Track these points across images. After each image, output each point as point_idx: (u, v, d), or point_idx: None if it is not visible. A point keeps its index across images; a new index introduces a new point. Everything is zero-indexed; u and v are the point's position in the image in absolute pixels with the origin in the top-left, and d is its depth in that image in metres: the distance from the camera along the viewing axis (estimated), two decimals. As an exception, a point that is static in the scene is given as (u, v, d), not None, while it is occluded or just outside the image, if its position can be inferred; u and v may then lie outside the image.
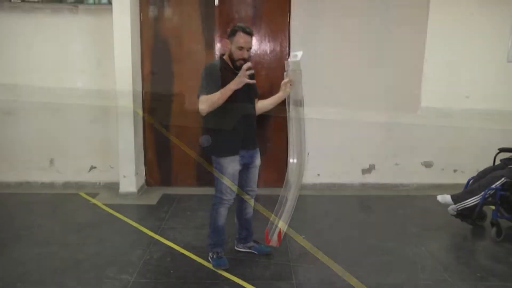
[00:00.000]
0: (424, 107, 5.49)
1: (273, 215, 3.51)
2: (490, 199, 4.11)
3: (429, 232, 4.26)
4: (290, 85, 3.42)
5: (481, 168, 4.43)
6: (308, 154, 5.08)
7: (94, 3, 5.15)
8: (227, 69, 3.33)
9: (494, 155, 4.51)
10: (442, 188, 5.42)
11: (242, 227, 3.76)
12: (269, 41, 5.33)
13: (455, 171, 5.65)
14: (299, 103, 3.45)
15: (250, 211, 3.72)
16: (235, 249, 3.82)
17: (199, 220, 4.50)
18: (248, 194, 3.63)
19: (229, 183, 3.40)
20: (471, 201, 4.12)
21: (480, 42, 5.39)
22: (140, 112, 5.28)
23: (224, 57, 3.39)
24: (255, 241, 3.81)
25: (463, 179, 4.68)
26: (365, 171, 5.62)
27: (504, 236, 4.05)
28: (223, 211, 3.52)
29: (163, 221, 4.48)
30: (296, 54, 3.34)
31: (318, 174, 5.58)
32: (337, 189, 5.56)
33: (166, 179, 5.61)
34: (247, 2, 5.28)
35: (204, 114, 3.30)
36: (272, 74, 5.37)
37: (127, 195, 5.21)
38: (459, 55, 5.41)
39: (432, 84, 5.45)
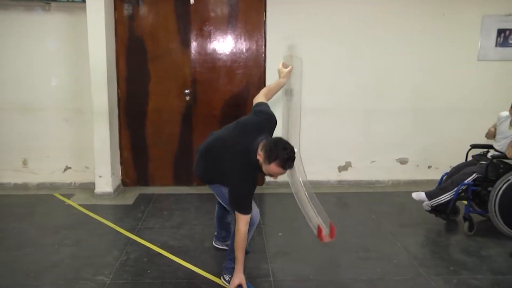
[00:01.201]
0: (398, 105, 5.57)
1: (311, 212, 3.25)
2: (462, 194, 4.20)
3: (405, 228, 4.33)
4: (287, 71, 3.28)
5: (454, 164, 4.51)
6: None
7: (68, 1, 5.05)
8: (258, 171, 2.95)
9: (466, 151, 4.59)
10: (417, 184, 5.53)
11: (221, 228, 3.76)
12: (245, 40, 5.33)
13: (429, 167, 5.75)
14: (290, 92, 3.34)
15: (232, 215, 3.64)
16: (213, 245, 3.83)
17: (176, 220, 4.49)
18: None
19: (236, 252, 3.05)
20: (445, 197, 4.20)
21: (452, 41, 5.49)
22: None
23: (258, 160, 2.89)
24: None
25: (437, 175, 4.77)
26: (342, 169, 5.68)
27: (476, 230, 4.15)
28: (250, 235, 3.19)
29: (139, 221, 4.45)
30: (291, 40, 3.25)
31: (295, 172, 5.60)
32: (314, 187, 5.55)
33: (142, 179, 5.57)
34: (222, 1, 5.26)
35: (237, 234, 2.99)
36: (248, 72, 5.38)
37: (103, 195, 5.15)
38: (432, 54, 5.50)
39: (404, 83, 5.54)
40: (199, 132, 5.46)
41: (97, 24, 4.86)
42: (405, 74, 5.53)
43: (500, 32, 5.48)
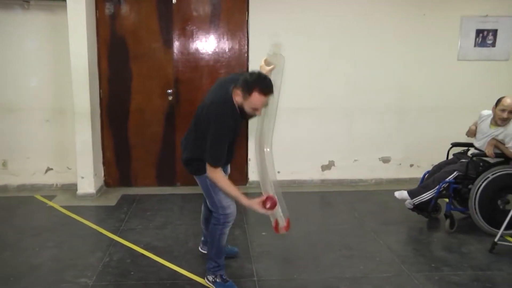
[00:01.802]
0: (381, 104, 5.62)
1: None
2: (444, 192, 4.26)
3: (387, 226, 4.37)
4: (269, 68, 3.13)
5: (436, 163, 4.57)
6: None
7: (47, -1, 5.00)
8: (237, 116, 2.91)
9: (447, 149, 4.65)
10: (399, 182, 5.58)
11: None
12: (227, 40, 5.32)
13: (411, 165, 5.81)
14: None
15: None
16: (200, 251, 3.75)
17: (159, 220, 4.47)
18: None
19: (230, 195, 3.07)
20: (427, 195, 4.25)
21: (433, 41, 5.56)
22: None
23: (234, 102, 2.87)
24: None
25: (419, 173, 4.83)
26: (325, 168, 5.71)
27: (457, 227, 4.21)
28: (228, 230, 3.19)
29: (122, 222, 4.41)
30: (277, 38, 3.27)
31: (279, 172, 5.59)
32: (297, 186, 5.62)
33: (125, 179, 5.52)
34: (205, 0, 5.25)
35: (218, 184, 2.98)
36: (231, 71, 5.35)
37: (85, 196, 5.09)
38: (414, 54, 5.57)
39: (386, 82, 5.59)
40: (182, 132, 5.36)
41: (78, 23, 4.81)
42: (387, 73, 5.58)
43: (479, 32, 5.57)
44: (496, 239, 3.76)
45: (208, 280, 3.26)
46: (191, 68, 5.33)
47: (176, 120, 5.40)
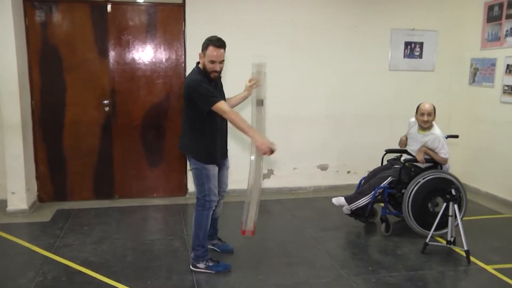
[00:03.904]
0: (317, 113, 5.77)
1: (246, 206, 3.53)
2: (379, 197, 4.42)
3: (326, 232, 4.47)
4: (255, 85, 3.56)
5: (371, 169, 4.74)
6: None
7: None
8: (206, 80, 3.35)
9: (382, 156, 4.84)
10: (337, 189, 5.74)
11: (209, 225, 3.71)
12: (164, 50, 5.28)
13: (348, 172, 5.98)
14: (261, 103, 3.54)
15: (218, 211, 3.80)
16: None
17: (97, 235, 4.33)
18: (220, 195, 3.70)
19: (216, 184, 3.51)
20: (363, 201, 4.39)
21: (366, 52, 5.80)
22: None
23: (199, 66, 3.42)
24: (219, 239, 3.90)
25: (356, 180, 4.96)
26: (265, 176, 5.75)
27: (392, 230, 4.39)
28: (209, 215, 3.54)
29: (58, 238, 4.24)
30: (261, 57, 3.51)
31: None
32: (237, 195, 5.61)
33: (61, 194, 5.31)
34: (140, 10, 5.19)
35: (227, 116, 3.32)
36: (168, 81, 5.34)
37: (16, 213, 4.85)
38: (348, 64, 5.77)
39: (322, 91, 5.76)
40: (119, 143, 5.32)
41: (5, 31, 4.60)
42: (323, 82, 5.74)
43: (407, 44, 5.89)
44: (427, 240, 3.96)
45: (200, 268, 3.54)
46: (127, 79, 5.24)
47: (113, 131, 5.28)
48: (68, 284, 3.37)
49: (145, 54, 5.24)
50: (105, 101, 5.20)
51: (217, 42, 3.29)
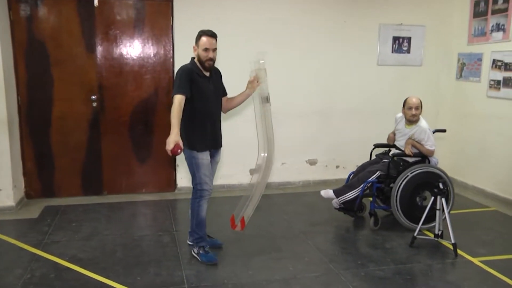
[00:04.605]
0: (305, 108, 5.78)
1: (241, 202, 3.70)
2: (368, 191, 4.45)
3: (315, 227, 4.49)
4: (257, 82, 3.72)
5: (360, 163, 4.76)
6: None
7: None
8: (198, 71, 3.55)
9: (370, 150, 4.86)
10: (326, 184, 5.75)
11: (204, 215, 3.77)
12: (152, 45, 5.24)
13: (337, 167, 6.01)
14: (266, 100, 3.70)
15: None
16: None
17: (85, 231, 4.30)
18: None
19: (207, 173, 3.61)
20: (351, 194, 4.42)
21: (354, 47, 5.82)
22: None
23: (195, 60, 3.60)
24: (208, 235, 3.88)
25: (344, 174, 5.00)
26: (253, 171, 5.72)
27: (381, 224, 4.42)
28: (205, 204, 3.67)
29: (46, 235, 4.20)
30: (262, 53, 3.64)
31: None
32: (226, 191, 5.63)
33: (48, 190, 5.27)
34: (128, 4, 5.14)
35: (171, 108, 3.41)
36: (157, 76, 5.31)
37: (3, 210, 4.79)
38: (337, 59, 5.79)
39: (310, 85, 5.76)
40: (107, 139, 5.28)
41: (-12, 25, 4.54)
42: (311, 77, 5.75)
43: (395, 39, 5.91)
44: (415, 234, 3.99)
45: (194, 252, 3.72)
46: (115, 74, 5.20)
47: (101, 127, 5.24)
48: (56, 281, 3.35)
49: (133, 49, 5.21)
50: (93, 97, 5.15)
51: (209, 32, 3.54)
